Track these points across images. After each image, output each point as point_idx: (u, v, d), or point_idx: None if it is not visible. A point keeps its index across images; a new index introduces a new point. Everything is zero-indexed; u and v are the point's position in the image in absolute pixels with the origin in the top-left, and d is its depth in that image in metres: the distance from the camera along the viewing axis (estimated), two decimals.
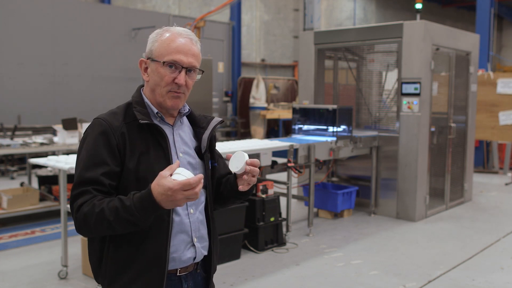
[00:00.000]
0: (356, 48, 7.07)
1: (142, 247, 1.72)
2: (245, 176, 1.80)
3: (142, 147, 1.75)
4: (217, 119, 1.94)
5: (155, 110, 1.81)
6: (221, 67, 14.55)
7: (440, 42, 6.55)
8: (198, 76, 1.84)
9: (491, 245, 5.44)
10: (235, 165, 1.78)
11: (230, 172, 1.99)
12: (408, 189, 6.37)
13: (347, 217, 6.51)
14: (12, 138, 7.93)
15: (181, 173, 1.56)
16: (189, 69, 1.78)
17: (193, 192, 1.54)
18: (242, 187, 1.81)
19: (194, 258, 1.83)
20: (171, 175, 1.56)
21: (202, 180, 1.57)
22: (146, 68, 1.82)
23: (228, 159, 1.82)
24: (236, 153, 1.80)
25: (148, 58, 1.80)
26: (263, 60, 17.45)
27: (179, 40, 1.77)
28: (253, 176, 1.80)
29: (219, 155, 2.02)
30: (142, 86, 1.89)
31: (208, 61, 10.20)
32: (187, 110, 1.89)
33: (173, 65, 1.75)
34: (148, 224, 1.63)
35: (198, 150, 1.89)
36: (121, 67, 12.09)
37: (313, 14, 11.88)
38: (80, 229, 1.68)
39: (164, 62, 1.74)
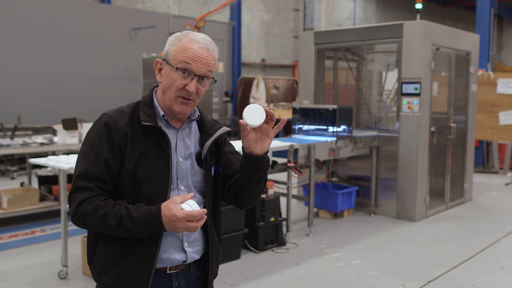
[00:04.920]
0: (356, 48, 7.07)
1: (134, 245, 1.75)
2: (266, 126, 1.76)
3: (143, 148, 1.75)
4: (224, 129, 1.90)
5: (161, 113, 1.80)
6: (221, 67, 14.53)
7: (440, 42, 6.55)
8: (211, 86, 1.82)
9: (491, 245, 5.43)
10: (252, 119, 1.72)
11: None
12: (408, 189, 6.37)
13: (347, 217, 6.51)
14: (12, 138, 7.93)
15: (191, 205, 1.65)
16: (201, 77, 1.77)
17: (194, 225, 1.64)
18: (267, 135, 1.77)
19: (185, 261, 1.83)
20: (182, 202, 1.65)
21: (205, 216, 1.66)
22: (160, 69, 1.81)
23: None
24: (251, 105, 1.74)
25: (163, 60, 1.79)
26: (263, 60, 17.44)
27: (195, 47, 1.75)
28: (272, 120, 1.76)
29: (231, 151, 1.96)
30: (157, 86, 1.88)
31: None
32: (197, 115, 1.87)
33: (186, 71, 1.74)
34: (144, 236, 1.71)
35: (199, 156, 1.87)
36: (121, 67, 12.09)
37: (313, 14, 11.90)
38: (76, 222, 1.74)
39: (177, 68, 1.74)
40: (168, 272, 1.81)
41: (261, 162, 1.80)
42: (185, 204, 1.65)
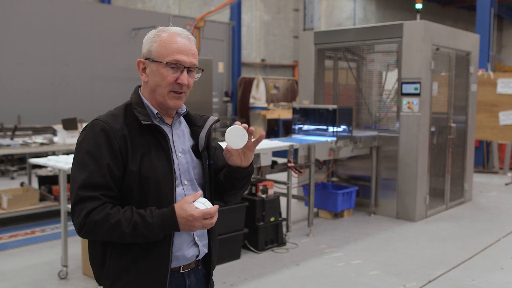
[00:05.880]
0: (356, 48, 7.07)
1: (146, 247, 1.73)
2: (252, 145, 1.80)
3: (143, 148, 1.75)
4: (213, 118, 1.95)
5: (155, 111, 1.81)
6: (221, 67, 14.55)
7: (440, 42, 6.55)
8: (198, 75, 1.85)
9: (491, 245, 5.44)
10: (236, 142, 1.76)
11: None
12: (408, 189, 6.37)
13: (347, 217, 6.51)
14: (12, 138, 7.93)
15: (204, 203, 1.68)
16: (189, 69, 1.79)
17: (209, 222, 1.67)
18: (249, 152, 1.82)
19: (197, 256, 1.85)
20: (193, 201, 1.67)
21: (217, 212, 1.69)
22: (144, 69, 1.82)
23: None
24: (232, 129, 1.76)
25: (146, 59, 1.79)
26: (263, 60, 17.44)
27: (178, 40, 1.77)
28: (251, 135, 1.78)
29: (216, 146, 2.02)
30: (140, 86, 1.89)
31: (208, 61, 10.20)
32: (184, 110, 1.90)
33: (175, 65, 1.76)
34: (159, 239, 1.70)
35: (195, 148, 1.90)
36: (121, 67, 12.08)
37: (313, 14, 11.90)
38: (84, 234, 1.69)
39: (167, 63, 1.74)
40: (181, 271, 1.83)
41: (245, 171, 1.88)
42: (198, 203, 1.67)
